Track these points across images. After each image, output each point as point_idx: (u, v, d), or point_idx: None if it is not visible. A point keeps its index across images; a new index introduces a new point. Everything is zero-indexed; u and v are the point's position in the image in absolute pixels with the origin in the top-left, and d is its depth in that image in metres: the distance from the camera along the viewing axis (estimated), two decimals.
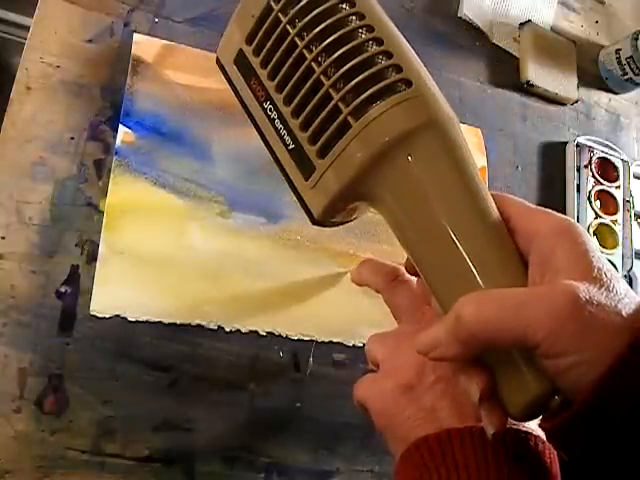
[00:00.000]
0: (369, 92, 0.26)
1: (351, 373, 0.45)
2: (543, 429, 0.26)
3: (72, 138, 0.41)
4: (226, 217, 0.44)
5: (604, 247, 0.57)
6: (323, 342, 0.45)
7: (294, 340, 0.44)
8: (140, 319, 0.40)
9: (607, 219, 0.58)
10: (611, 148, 0.62)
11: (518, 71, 0.61)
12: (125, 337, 0.39)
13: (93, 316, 0.39)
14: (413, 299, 0.34)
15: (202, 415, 0.41)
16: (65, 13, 0.42)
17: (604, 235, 0.58)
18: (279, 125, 0.29)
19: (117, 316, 0.39)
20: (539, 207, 0.28)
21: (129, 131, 0.42)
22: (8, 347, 0.37)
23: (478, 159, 0.55)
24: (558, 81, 0.62)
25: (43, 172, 0.40)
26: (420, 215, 0.27)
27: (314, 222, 0.30)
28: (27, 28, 0.42)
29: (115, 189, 0.41)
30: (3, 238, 0.38)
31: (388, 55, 0.27)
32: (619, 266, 0.57)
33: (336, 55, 0.27)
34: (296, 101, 0.28)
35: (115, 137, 0.42)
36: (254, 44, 0.30)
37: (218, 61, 0.33)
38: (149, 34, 0.45)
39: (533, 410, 0.25)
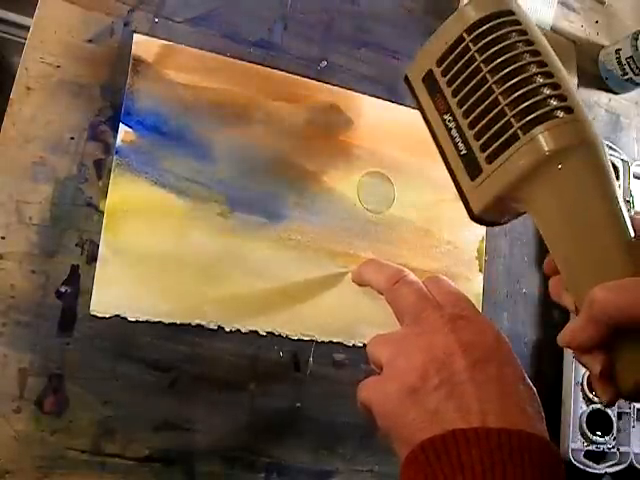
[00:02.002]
0: (538, 112, 0.32)
1: (351, 373, 0.45)
2: None
3: (72, 138, 0.41)
4: (226, 217, 0.44)
5: None
6: (323, 342, 0.45)
7: (294, 340, 0.44)
8: (140, 319, 0.40)
9: None
10: (611, 148, 0.62)
11: None
12: (125, 337, 0.39)
13: (93, 316, 0.39)
14: (417, 301, 0.34)
15: (202, 415, 0.41)
16: (65, 13, 0.42)
17: None
18: (455, 134, 0.35)
19: (117, 316, 0.39)
20: None
21: (129, 130, 0.42)
22: (8, 347, 0.37)
23: None
24: None
25: (43, 172, 0.40)
26: (565, 221, 0.32)
27: (472, 218, 0.35)
28: (27, 28, 0.42)
29: (115, 189, 0.41)
30: (3, 238, 0.38)
31: (555, 86, 0.32)
32: None
33: (513, 81, 0.33)
34: (474, 115, 0.34)
35: (115, 137, 0.42)
36: (443, 66, 0.36)
37: (406, 78, 0.39)
38: (149, 34, 0.45)
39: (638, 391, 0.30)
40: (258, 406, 0.42)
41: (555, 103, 0.32)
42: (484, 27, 0.35)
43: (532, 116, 0.32)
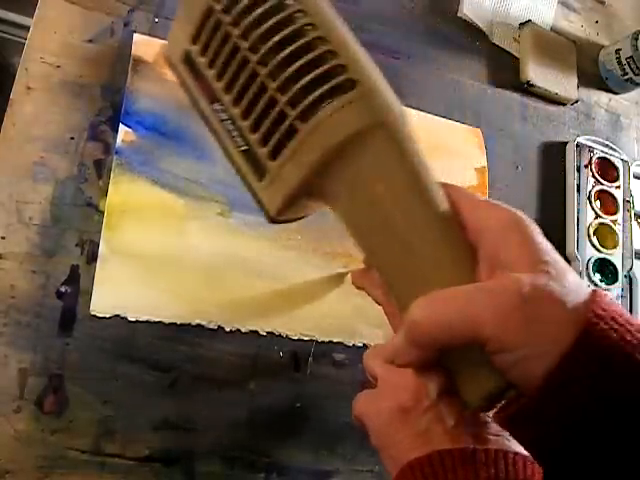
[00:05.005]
0: (313, 96, 0.26)
1: (351, 373, 0.45)
2: (495, 417, 0.27)
3: (72, 138, 0.41)
4: (226, 217, 0.44)
5: (604, 247, 0.57)
6: (323, 342, 0.45)
7: (294, 340, 0.44)
8: (140, 319, 0.40)
9: (607, 219, 0.58)
10: (611, 148, 0.62)
11: (518, 71, 0.61)
12: (125, 337, 0.39)
13: (93, 316, 0.39)
14: None
15: (202, 415, 0.41)
16: (65, 13, 0.42)
17: (604, 235, 0.58)
18: (230, 126, 0.29)
19: (117, 316, 0.39)
20: (489, 200, 0.28)
21: (129, 130, 0.42)
22: (8, 347, 0.37)
23: (478, 159, 0.55)
24: (558, 81, 0.62)
25: (43, 172, 0.40)
26: (370, 214, 0.28)
27: (270, 220, 0.31)
28: (27, 28, 0.42)
29: (115, 189, 0.41)
30: (3, 238, 0.38)
31: (333, 54, 0.27)
32: (619, 266, 0.57)
33: (280, 58, 0.27)
34: (244, 103, 0.28)
35: (115, 137, 0.42)
36: (199, 44, 0.30)
37: (168, 59, 0.32)
38: (149, 34, 0.45)
39: (488, 403, 0.26)
40: (258, 406, 0.42)
41: (335, 81, 0.27)
42: None
43: (308, 101, 0.27)
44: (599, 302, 0.23)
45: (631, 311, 0.58)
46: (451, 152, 0.54)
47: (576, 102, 0.64)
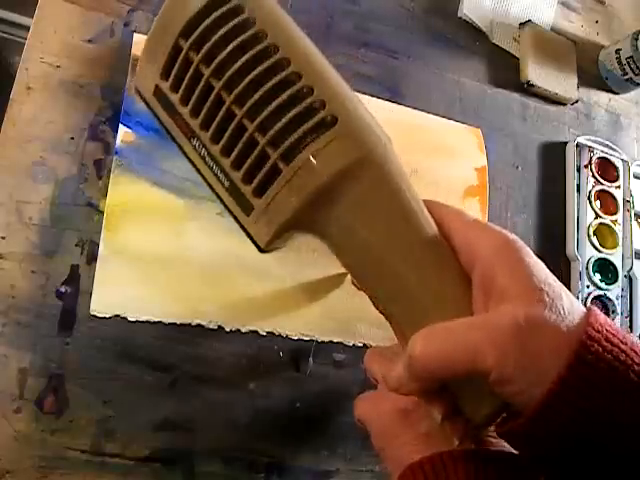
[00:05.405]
0: (294, 137, 0.26)
1: (351, 373, 0.45)
2: (496, 430, 0.27)
3: (72, 138, 0.41)
4: (226, 217, 0.43)
5: (604, 247, 0.57)
6: (323, 342, 0.45)
7: (294, 340, 0.44)
8: (140, 319, 0.40)
9: (607, 219, 0.58)
10: (611, 148, 0.62)
11: (518, 71, 0.61)
12: (125, 337, 0.39)
13: (93, 316, 0.39)
14: None
15: (202, 415, 0.41)
16: (65, 13, 0.42)
17: (604, 235, 0.58)
18: (210, 163, 0.28)
19: (117, 316, 0.39)
20: (478, 221, 0.28)
21: (129, 131, 0.42)
22: (8, 347, 0.37)
23: (478, 159, 0.55)
24: (558, 81, 0.62)
25: (43, 172, 0.40)
26: (360, 250, 0.28)
27: (260, 251, 0.30)
28: (27, 28, 0.42)
29: (115, 189, 0.41)
30: (3, 238, 0.38)
31: (310, 89, 0.26)
32: (619, 266, 0.57)
33: (257, 97, 0.26)
34: (223, 142, 0.27)
35: (115, 137, 0.42)
36: (170, 81, 0.28)
37: (138, 91, 0.31)
38: None
39: (491, 419, 0.27)
40: (258, 406, 0.42)
41: (315, 119, 0.26)
42: (200, 28, 0.27)
43: (289, 142, 0.26)
44: (593, 324, 0.23)
45: (631, 311, 0.58)
46: (451, 152, 0.54)
47: (576, 102, 0.64)
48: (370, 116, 0.28)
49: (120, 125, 0.42)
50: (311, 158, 0.26)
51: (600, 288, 0.56)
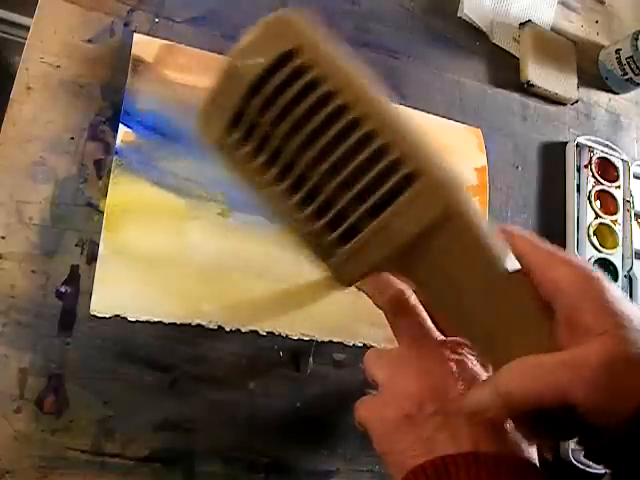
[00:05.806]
0: (376, 197, 0.26)
1: (351, 373, 0.45)
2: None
3: (72, 138, 0.41)
4: (226, 217, 0.44)
5: (604, 247, 0.57)
6: (323, 342, 0.45)
7: (294, 340, 0.44)
8: (140, 319, 0.40)
9: (607, 219, 0.58)
10: (611, 148, 0.62)
11: (518, 71, 0.61)
12: (125, 337, 0.39)
13: (93, 316, 0.39)
14: (417, 325, 0.34)
15: (202, 415, 0.41)
16: (65, 13, 0.42)
17: (604, 235, 0.58)
18: (287, 210, 0.29)
19: (117, 316, 0.39)
20: (558, 254, 0.29)
21: (129, 130, 0.42)
22: (8, 347, 0.37)
23: (478, 159, 0.55)
24: (558, 81, 0.62)
25: (43, 172, 0.40)
26: (448, 295, 0.29)
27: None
28: (27, 28, 0.42)
29: (115, 189, 0.41)
30: (3, 238, 0.38)
31: (388, 147, 0.26)
32: (619, 266, 0.57)
33: (333, 159, 0.26)
34: (300, 196, 0.28)
35: (115, 137, 0.42)
36: (236, 135, 0.28)
37: (203, 132, 0.30)
38: (149, 34, 0.45)
39: None
40: (258, 406, 0.42)
41: (396, 177, 0.26)
42: (266, 92, 0.26)
43: (371, 201, 0.26)
44: None
45: None
46: (451, 152, 0.54)
47: (576, 102, 0.64)
48: (447, 164, 0.28)
49: (120, 125, 0.42)
50: (395, 215, 0.27)
51: None
